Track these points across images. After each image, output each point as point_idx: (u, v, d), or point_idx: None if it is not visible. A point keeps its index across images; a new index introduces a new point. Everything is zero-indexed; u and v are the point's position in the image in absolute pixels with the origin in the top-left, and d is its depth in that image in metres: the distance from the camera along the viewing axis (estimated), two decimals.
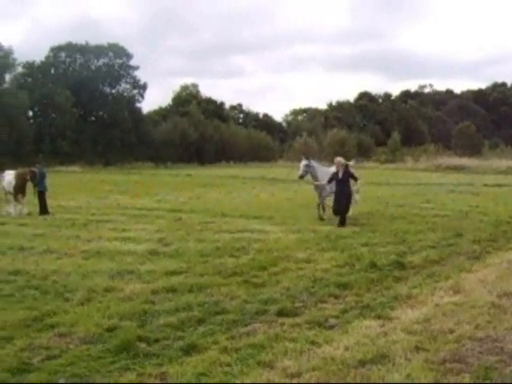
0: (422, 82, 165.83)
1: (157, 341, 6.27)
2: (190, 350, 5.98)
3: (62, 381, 5.29)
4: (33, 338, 6.47)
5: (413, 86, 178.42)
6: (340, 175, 15.87)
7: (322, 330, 6.56)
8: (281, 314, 7.21)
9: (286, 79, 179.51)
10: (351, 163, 17.55)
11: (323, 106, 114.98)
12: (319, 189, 17.04)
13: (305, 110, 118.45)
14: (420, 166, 55.99)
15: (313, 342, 6.11)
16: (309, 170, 17.11)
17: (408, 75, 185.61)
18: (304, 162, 17.24)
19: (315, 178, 17.16)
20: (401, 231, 13.90)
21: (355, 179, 16.34)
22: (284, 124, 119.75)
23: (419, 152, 68.12)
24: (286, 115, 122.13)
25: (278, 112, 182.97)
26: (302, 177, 17.53)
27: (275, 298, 7.90)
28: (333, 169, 16.74)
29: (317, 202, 17.18)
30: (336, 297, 8.08)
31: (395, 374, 5.20)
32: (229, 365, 5.56)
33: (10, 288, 8.82)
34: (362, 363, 5.51)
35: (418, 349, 5.82)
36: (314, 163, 17.52)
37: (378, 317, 7.01)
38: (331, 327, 6.71)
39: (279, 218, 16.61)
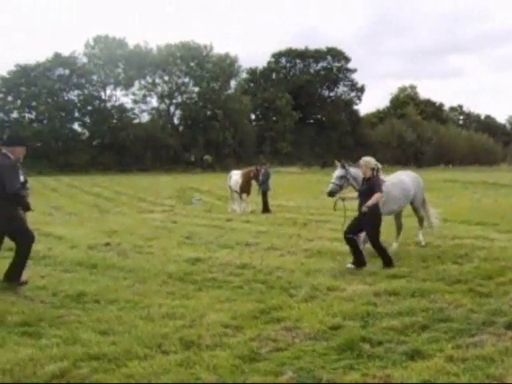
0: None
1: (380, 343, 6.24)
2: (414, 355, 5.86)
3: (289, 373, 5.49)
4: (261, 329, 6.79)
5: None
6: (362, 184, 10.94)
7: None
8: (510, 327, 6.76)
9: (510, 78, 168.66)
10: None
11: None
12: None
13: None
14: None
15: None
16: (345, 183, 11.76)
17: None
18: (339, 173, 11.75)
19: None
20: None
21: (377, 190, 10.57)
22: (508, 126, 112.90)
23: None
24: (510, 116, 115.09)
25: (502, 113, 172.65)
26: (331, 193, 11.71)
27: (503, 310, 7.42)
28: (393, 178, 12.63)
29: None
30: None
31: None
32: (456, 375, 5.35)
33: (238, 280, 9.38)
34: None
35: None
36: (353, 171, 11.79)
37: None
38: None
39: (505, 226, 15.60)
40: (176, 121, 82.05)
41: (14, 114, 73.58)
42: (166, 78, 79.55)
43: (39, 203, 24.60)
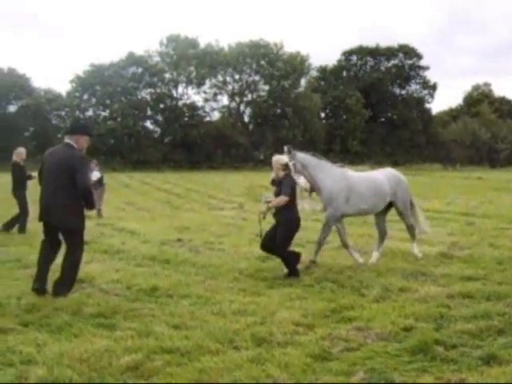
0: None
1: (454, 346, 6.10)
2: (490, 360, 5.71)
3: (361, 373, 5.44)
4: (332, 328, 6.77)
5: None
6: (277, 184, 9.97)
7: None
8: None
9: None
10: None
11: None
12: (327, 204, 10.61)
13: None
14: None
15: None
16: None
17: None
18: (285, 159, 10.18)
19: (315, 186, 10.60)
20: None
21: (283, 191, 9.60)
22: None
23: None
24: None
25: None
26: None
27: None
28: (363, 173, 11.51)
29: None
30: None
31: None
32: None
33: (309, 279, 9.37)
34: None
35: None
36: (301, 156, 10.50)
37: None
38: None
39: None
40: (246, 119, 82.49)
41: (89, 112, 75.68)
42: (237, 76, 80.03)
43: (113, 199, 25.25)
